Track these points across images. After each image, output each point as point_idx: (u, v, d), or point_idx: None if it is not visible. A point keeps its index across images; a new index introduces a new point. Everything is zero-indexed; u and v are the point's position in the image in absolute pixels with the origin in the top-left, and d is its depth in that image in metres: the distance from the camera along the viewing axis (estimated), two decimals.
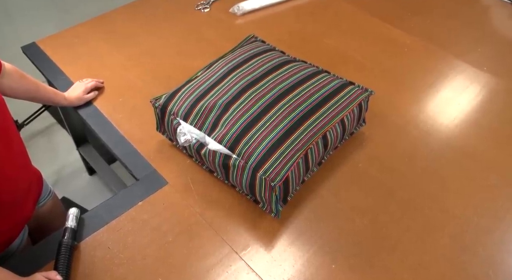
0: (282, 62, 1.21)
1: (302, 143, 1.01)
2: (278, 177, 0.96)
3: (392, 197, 1.09)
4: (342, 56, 1.53)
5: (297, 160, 0.99)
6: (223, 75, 1.16)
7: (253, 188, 1.02)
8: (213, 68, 1.21)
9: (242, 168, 1.00)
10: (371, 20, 1.71)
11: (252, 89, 1.11)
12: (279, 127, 1.02)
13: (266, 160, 0.98)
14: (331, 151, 1.16)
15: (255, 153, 0.99)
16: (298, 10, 1.77)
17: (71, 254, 0.94)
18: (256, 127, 1.03)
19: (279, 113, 1.05)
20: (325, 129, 1.05)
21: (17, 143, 0.96)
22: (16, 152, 0.95)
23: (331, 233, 1.02)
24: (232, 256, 0.98)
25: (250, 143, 1.01)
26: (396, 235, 1.02)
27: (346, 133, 1.14)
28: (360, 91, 1.16)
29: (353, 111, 1.13)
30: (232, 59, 1.22)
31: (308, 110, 1.07)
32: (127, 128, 1.24)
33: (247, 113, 1.05)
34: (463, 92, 1.40)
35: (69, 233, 0.97)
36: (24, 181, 1.02)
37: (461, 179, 1.14)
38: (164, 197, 1.08)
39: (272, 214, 1.03)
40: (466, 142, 1.24)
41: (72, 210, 1.02)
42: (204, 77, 1.18)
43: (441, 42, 1.60)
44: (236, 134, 1.02)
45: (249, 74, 1.15)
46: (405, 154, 1.20)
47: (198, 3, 1.79)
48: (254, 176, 0.98)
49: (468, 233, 1.02)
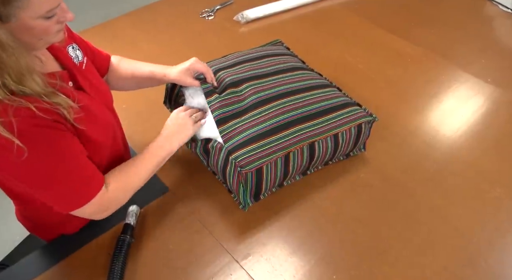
0: (295, 67, 1.21)
1: (286, 144, 1.02)
2: (248, 166, 0.97)
3: (394, 209, 1.09)
4: (345, 66, 1.53)
5: (275, 158, 0.99)
6: (233, 63, 1.18)
7: (224, 173, 1.03)
8: (228, 56, 1.23)
9: (219, 150, 1.02)
10: (375, 30, 1.71)
11: (255, 81, 1.12)
12: (268, 122, 1.04)
13: (243, 147, 1.00)
14: (320, 166, 1.15)
15: (236, 138, 1.01)
16: (302, 19, 1.78)
17: (127, 251, 0.96)
18: (246, 116, 1.05)
19: (273, 110, 1.06)
20: (314, 139, 1.05)
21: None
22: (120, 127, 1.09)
23: (332, 244, 1.01)
24: (233, 265, 0.97)
25: (234, 128, 1.03)
26: (398, 246, 1.01)
27: (339, 151, 1.12)
28: (363, 114, 1.14)
29: (350, 131, 1.10)
30: (248, 53, 1.24)
31: (304, 116, 1.07)
32: (130, 135, 1.24)
33: (243, 102, 1.07)
34: (466, 103, 1.40)
35: (129, 230, 0.98)
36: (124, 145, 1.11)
37: (464, 191, 1.13)
38: (165, 204, 1.08)
39: (240, 206, 1.04)
40: (469, 154, 1.23)
41: (132, 207, 1.03)
42: (216, 62, 1.20)
43: (444, 52, 1.60)
44: (226, 115, 1.04)
45: (258, 69, 1.16)
46: (408, 165, 1.20)
47: (203, 10, 1.80)
48: (227, 159, 1.00)
49: (470, 246, 1.02)
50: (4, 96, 0.69)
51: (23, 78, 0.70)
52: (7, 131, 0.69)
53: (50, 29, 0.73)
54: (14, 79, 0.69)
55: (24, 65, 0.70)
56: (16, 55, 0.68)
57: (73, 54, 0.91)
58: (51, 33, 0.74)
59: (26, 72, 0.70)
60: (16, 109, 0.70)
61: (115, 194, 0.90)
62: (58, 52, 0.87)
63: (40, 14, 0.69)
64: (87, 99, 0.88)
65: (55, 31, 0.75)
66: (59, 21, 0.75)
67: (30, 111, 0.72)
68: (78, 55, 0.92)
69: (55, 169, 0.79)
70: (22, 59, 0.69)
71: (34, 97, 0.73)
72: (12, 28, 0.68)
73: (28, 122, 0.72)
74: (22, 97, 0.71)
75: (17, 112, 0.70)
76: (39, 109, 0.73)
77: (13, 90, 0.70)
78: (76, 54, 0.92)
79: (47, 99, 0.75)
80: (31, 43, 0.74)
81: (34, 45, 0.75)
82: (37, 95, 0.73)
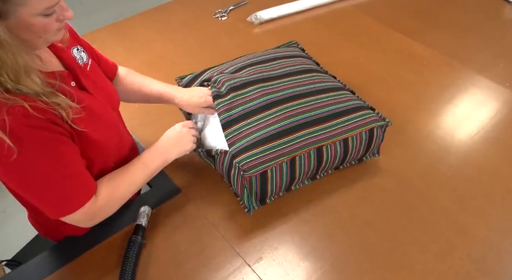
0: (307, 69, 1.19)
1: (291, 149, 1.00)
2: (251, 170, 0.95)
3: (409, 215, 1.07)
4: (359, 69, 1.51)
5: (279, 162, 0.98)
6: (244, 65, 1.17)
7: (229, 176, 1.03)
8: (240, 58, 1.22)
9: (224, 154, 1.01)
10: (389, 33, 1.69)
11: (264, 83, 1.10)
12: (274, 126, 1.02)
13: (247, 151, 0.99)
14: (330, 170, 1.13)
15: (240, 142, 1.00)
16: (316, 20, 1.76)
17: (139, 252, 0.95)
18: (252, 119, 1.03)
19: (280, 113, 1.04)
20: (323, 143, 1.03)
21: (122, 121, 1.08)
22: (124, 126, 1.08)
23: (345, 249, 1.00)
24: (244, 268, 0.96)
25: (240, 131, 1.02)
26: (413, 253, 0.99)
27: (350, 157, 1.10)
28: (375, 118, 1.12)
29: (361, 136, 1.08)
30: (260, 55, 1.22)
31: (312, 119, 1.05)
32: (142, 135, 1.24)
33: (249, 104, 1.06)
34: (483, 108, 1.38)
35: (141, 231, 0.98)
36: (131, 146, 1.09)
37: (481, 198, 1.11)
38: (177, 206, 1.07)
39: (245, 210, 1.03)
40: (487, 160, 1.21)
41: (143, 208, 1.02)
42: (226, 65, 1.19)
43: (461, 56, 1.57)
44: (231, 118, 1.03)
45: (269, 71, 1.15)
46: (423, 170, 1.18)
47: (216, 11, 1.79)
48: (231, 163, 0.99)
49: (489, 255, 0.99)
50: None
51: (21, 76, 0.69)
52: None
53: (49, 27, 0.73)
54: (11, 77, 0.68)
55: (22, 63, 0.69)
56: (14, 53, 0.67)
57: (78, 56, 0.90)
58: (50, 31, 0.74)
59: (24, 70, 0.70)
60: (10, 107, 0.69)
61: (104, 203, 0.88)
62: (62, 52, 0.86)
63: (39, 11, 0.69)
64: (90, 100, 0.87)
65: (55, 29, 0.75)
66: (59, 19, 0.74)
67: (24, 110, 0.70)
68: (82, 57, 0.91)
69: (44, 173, 0.77)
70: (20, 57, 0.68)
71: (31, 96, 0.72)
72: (11, 26, 0.68)
73: (21, 122, 0.71)
74: (18, 96, 0.70)
75: (10, 110, 0.69)
76: (34, 108, 0.71)
77: (9, 88, 0.69)
78: (81, 56, 0.91)
79: (45, 98, 0.73)
80: (30, 41, 0.73)
81: (33, 43, 0.74)
82: (35, 94, 0.72)
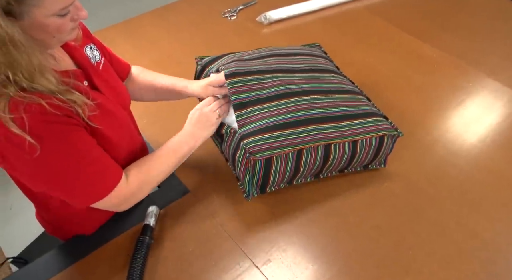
0: (326, 69, 1.19)
1: (301, 140, 0.99)
2: (258, 154, 0.95)
3: (419, 219, 1.06)
4: (369, 70, 1.50)
5: (287, 152, 0.97)
6: (264, 55, 1.15)
7: (234, 158, 1.02)
8: (261, 49, 1.20)
9: (233, 134, 1.01)
10: (400, 35, 1.68)
11: (283, 74, 1.09)
12: (287, 115, 1.01)
13: (257, 135, 0.98)
14: (334, 171, 1.12)
15: (251, 125, 1.00)
16: (326, 21, 1.76)
17: (147, 252, 0.95)
18: (266, 105, 1.02)
19: (294, 104, 1.04)
20: (332, 141, 1.02)
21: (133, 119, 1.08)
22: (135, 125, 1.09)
23: (353, 253, 0.99)
24: (252, 270, 0.95)
25: (252, 114, 1.01)
26: (422, 258, 0.98)
27: (356, 160, 1.09)
28: (387, 126, 1.11)
29: (371, 141, 1.07)
30: (283, 48, 1.21)
31: (326, 116, 1.04)
32: (150, 134, 1.23)
33: (264, 90, 1.04)
34: (495, 112, 1.36)
35: (149, 231, 0.97)
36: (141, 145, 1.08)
37: (492, 203, 1.10)
38: (186, 206, 1.07)
39: (244, 195, 1.03)
40: (498, 164, 1.19)
41: (151, 208, 1.02)
42: (247, 52, 1.18)
43: (472, 59, 1.56)
44: (245, 100, 1.02)
45: (289, 64, 1.14)
46: (433, 174, 1.16)
47: (225, 10, 1.79)
48: (239, 144, 0.99)
49: (499, 260, 0.98)
50: (15, 93, 0.69)
51: (35, 76, 0.70)
52: (18, 127, 0.68)
53: (63, 27, 0.72)
54: (26, 76, 0.69)
55: (36, 63, 0.69)
56: (29, 53, 0.67)
57: (91, 54, 0.90)
58: (64, 31, 0.74)
59: (38, 70, 0.70)
60: (27, 105, 0.70)
61: (135, 186, 0.89)
62: (74, 51, 0.86)
63: (53, 12, 0.69)
64: (102, 99, 0.87)
65: (69, 29, 0.75)
66: (73, 19, 0.74)
67: (41, 107, 0.71)
68: (95, 56, 0.91)
69: (70, 163, 0.78)
70: (34, 57, 0.68)
71: (46, 94, 0.72)
72: (25, 26, 0.67)
73: (39, 118, 0.71)
74: (34, 94, 0.71)
75: (28, 108, 0.70)
76: (50, 105, 0.72)
77: (25, 87, 0.70)
78: (94, 55, 0.91)
79: (61, 96, 0.74)
80: (44, 41, 0.73)
81: (47, 43, 0.74)
82: (50, 93, 0.73)
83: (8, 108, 0.68)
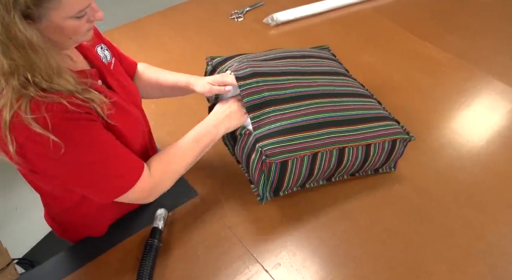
0: (338, 72, 1.18)
1: (316, 143, 0.99)
2: (274, 157, 0.94)
3: (428, 222, 1.05)
4: (376, 72, 1.50)
5: (302, 155, 0.97)
6: (276, 57, 1.14)
7: (248, 161, 1.01)
8: (272, 51, 1.19)
9: (248, 136, 1.00)
10: (407, 36, 1.67)
11: (298, 76, 1.09)
12: (302, 118, 1.00)
13: (272, 137, 0.97)
14: (346, 175, 1.12)
15: (266, 127, 0.99)
16: (333, 23, 1.75)
17: (156, 255, 0.95)
18: (281, 106, 1.01)
19: (310, 107, 1.03)
20: (346, 145, 1.01)
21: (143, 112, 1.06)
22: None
23: (363, 257, 0.98)
24: (261, 274, 0.95)
25: (268, 116, 1.00)
26: (431, 261, 0.97)
27: (369, 164, 1.09)
28: (399, 131, 1.10)
29: (383, 145, 1.06)
30: (293, 50, 1.20)
31: (340, 120, 1.04)
32: (158, 136, 1.23)
33: (279, 91, 1.03)
34: (503, 114, 1.35)
35: (157, 234, 0.97)
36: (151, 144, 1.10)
37: (501, 206, 1.09)
38: (194, 209, 1.06)
39: (258, 198, 1.02)
40: (506, 167, 1.19)
41: (160, 211, 1.02)
42: (258, 54, 1.17)
43: (479, 61, 1.55)
44: (260, 101, 1.00)
45: (303, 66, 1.13)
46: (442, 177, 1.16)
47: (232, 12, 1.78)
48: (254, 147, 0.98)
49: (508, 264, 0.97)
50: (35, 94, 0.69)
51: (54, 77, 0.70)
52: (41, 127, 0.69)
53: (80, 29, 0.73)
54: (45, 77, 0.69)
55: (54, 64, 0.69)
56: (47, 55, 0.68)
57: (102, 54, 0.91)
58: (81, 33, 0.74)
59: (57, 71, 0.70)
60: (48, 104, 0.70)
61: (158, 177, 0.90)
62: (87, 51, 0.87)
63: (71, 14, 0.69)
64: (117, 97, 0.88)
65: (85, 30, 0.75)
66: (89, 20, 0.74)
67: (62, 106, 0.71)
68: (106, 55, 0.92)
69: (95, 157, 0.79)
70: (52, 59, 0.69)
71: (66, 93, 0.73)
72: (42, 28, 0.68)
73: (61, 117, 0.72)
74: (54, 93, 0.71)
75: (49, 107, 0.70)
76: (71, 104, 0.72)
77: (45, 87, 0.70)
78: (105, 54, 0.92)
79: (80, 95, 0.75)
80: (60, 42, 0.74)
81: (63, 44, 0.75)
82: (69, 92, 0.73)
83: (30, 109, 0.68)
